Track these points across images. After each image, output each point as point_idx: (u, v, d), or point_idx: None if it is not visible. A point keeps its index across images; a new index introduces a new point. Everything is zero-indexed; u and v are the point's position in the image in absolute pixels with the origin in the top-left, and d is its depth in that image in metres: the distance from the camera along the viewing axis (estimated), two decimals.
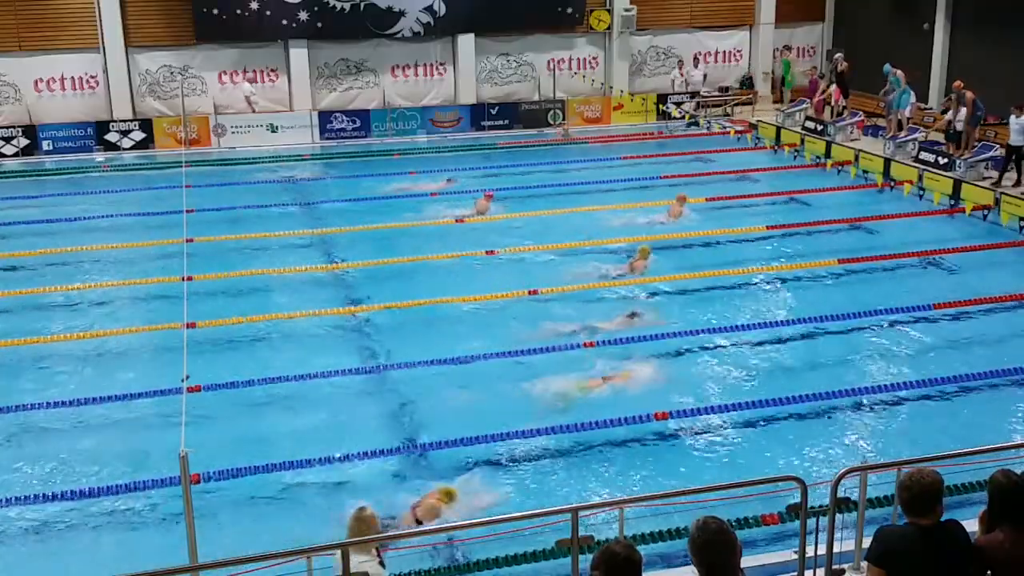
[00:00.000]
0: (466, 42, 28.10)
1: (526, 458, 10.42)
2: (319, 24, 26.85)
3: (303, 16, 26.67)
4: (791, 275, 15.94)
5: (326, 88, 27.86)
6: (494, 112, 28.31)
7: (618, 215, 19.01)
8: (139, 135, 26.22)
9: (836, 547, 7.00)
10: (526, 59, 29.02)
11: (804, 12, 30.95)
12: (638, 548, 4.65)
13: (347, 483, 9.98)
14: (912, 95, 23.49)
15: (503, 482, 9.81)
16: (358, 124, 27.39)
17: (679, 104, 28.69)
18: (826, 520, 6.94)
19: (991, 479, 5.41)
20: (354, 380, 12.42)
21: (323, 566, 6.34)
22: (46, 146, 25.65)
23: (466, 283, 15.40)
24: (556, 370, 12.21)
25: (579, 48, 29.44)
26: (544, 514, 7.24)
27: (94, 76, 26.33)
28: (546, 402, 11.45)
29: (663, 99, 28.78)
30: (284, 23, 26.64)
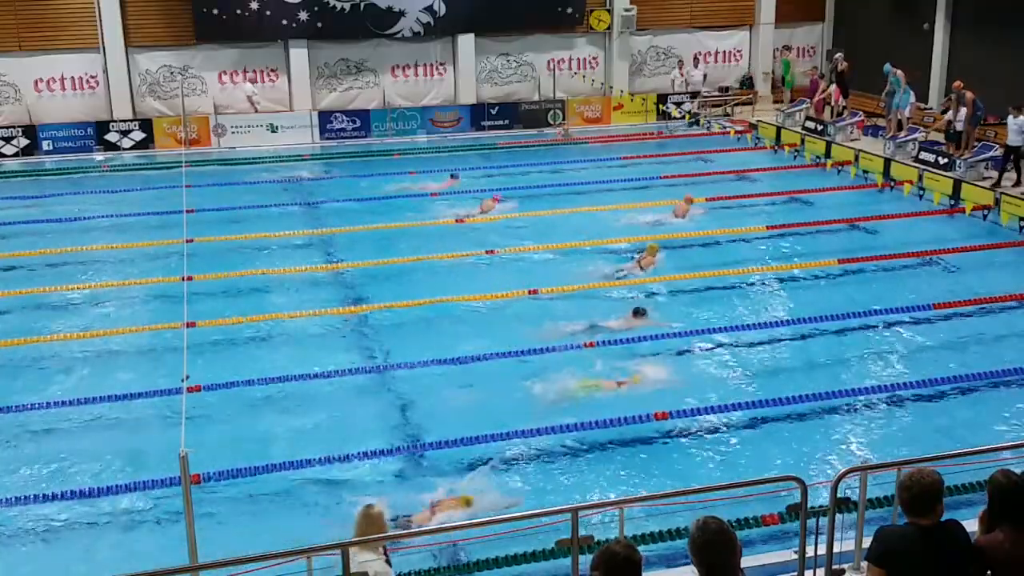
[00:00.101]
0: (466, 42, 28.09)
1: (526, 458, 10.42)
2: (319, 24, 26.84)
3: (303, 16, 26.67)
4: (791, 275, 15.94)
5: (326, 88, 27.86)
6: (494, 112, 28.30)
7: (619, 215, 19.02)
8: (139, 135, 26.22)
9: (836, 547, 7.01)
10: (526, 59, 29.01)
11: (804, 12, 30.93)
12: (638, 548, 4.66)
13: (347, 483, 9.98)
14: (912, 95, 23.49)
15: (503, 482, 9.80)
16: (358, 124, 27.38)
17: (679, 104, 28.69)
18: (826, 520, 6.95)
19: (991, 479, 5.41)
20: (354, 380, 12.42)
21: (323, 566, 6.34)
22: (46, 146, 25.64)
23: (466, 283, 15.40)
24: (557, 370, 12.20)
25: (579, 48, 29.43)
26: (544, 514, 7.25)
27: (94, 76, 26.32)
28: (548, 402, 11.45)
29: (663, 99, 28.75)
30: (284, 23, 26.64)
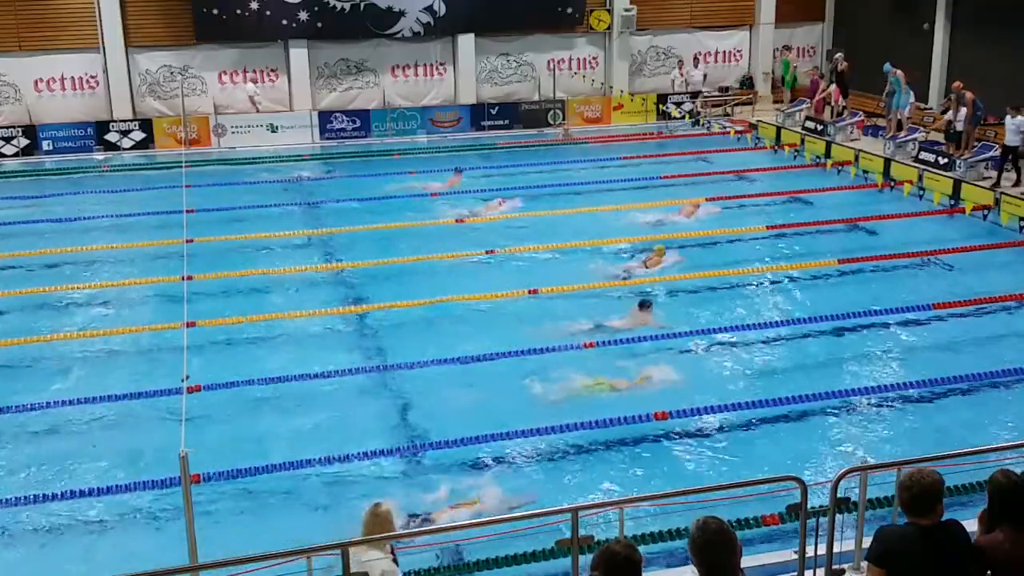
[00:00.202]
0: (466, 42, 28.09)
1: (526, 458, 10.43)
2: (319, 24, 26.84)
3: (303, 16, 26.67)
4: (791, 275, 15.94)
5: (326, 88, 27.86)
6: (494, 112, 28.30)
7: (619, 215, 19.02)
8: (139, 135, 26.21)
9: (836, 547, 7.00)
10: (526, 59, 29.00)
11: (804, 12, 30.93)
12: (638, 548, 4.66)
13: (347, 483, 9.99)
14: (911, 95, 23.49)
15: (503, 482, 9.79)
16: (358, 124, 27.38)
17: (679, 104, 28.69)
18: (826, 520, 6.95)
19: (991, 479, 5.41)
20: (354, 380, 12.42)
21: (323, 566, 6.33)
22: (46, 146, 25.64)
23: (467, 283, 15.39)
24: (558, 370, 12.22)
25: (579, 48, 29.42)
26: (544, 514, 7.25)
27: (94, 76, 26.32)
28: (548, 402, 11.45)
29: (663, 99, 28.75)
30: (284, 23, 26.64)
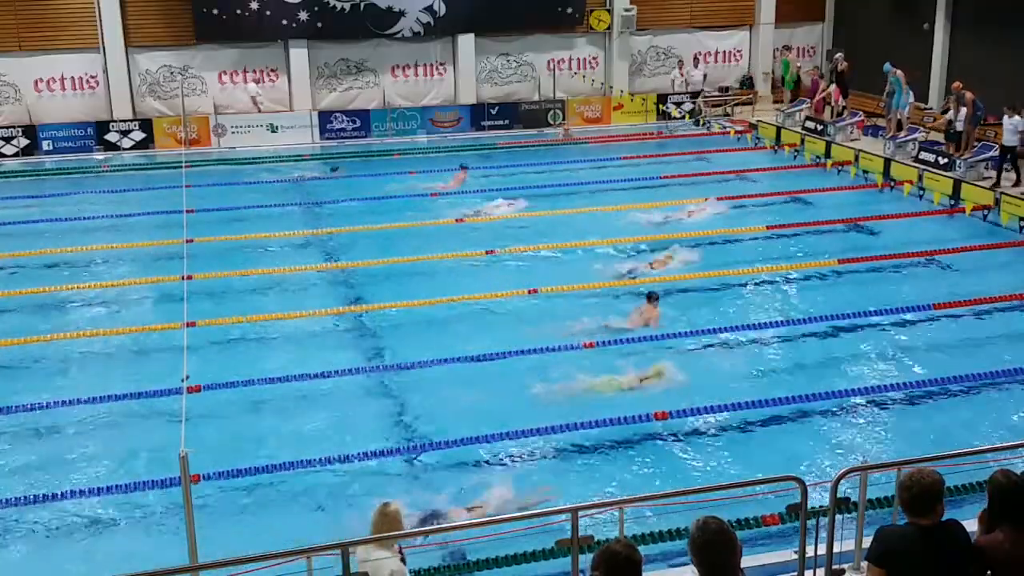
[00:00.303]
0: (466, 42, 28.09)
1: (527, 458, 10.43)
2: (319, 24, 26.83)
3: (303, 16, 26.66)
4: (791, 275, 15.93)
5: (326, 88, 27.85)
6: (494, 112, 28.29)
7: (619, 215, 19.02)
8: (139, 135, 26.21)
9: (836, 547, 7.00)
10: (526, 59, 29.00)
11: (804, 12, 30.92)
12: (638, 548, 4.65)
13: (347, 483, 9.99)
14: (911, 95, 23.49)
15: (503, 482, 9.78)
16: (358, 124, 27.38)
17: (679, 104, 28.69)
18: (826, 520, 6.95)
19: (991, 479, 5.41)
20: (355, 380, 12.42)
21: (323, 566, 6.33)
22: (46, 146, 25.64)
23: (467, 282, 15.39)
24: (559, 369, 12.23)
25: (579, 48, 29.42)
26: (544, 514, 7.26)
27: (94, 76, 26.32)
28: (548, 402, 11.45)
29: (663, 99, 28.74)
30: (284, 23, 26.63)
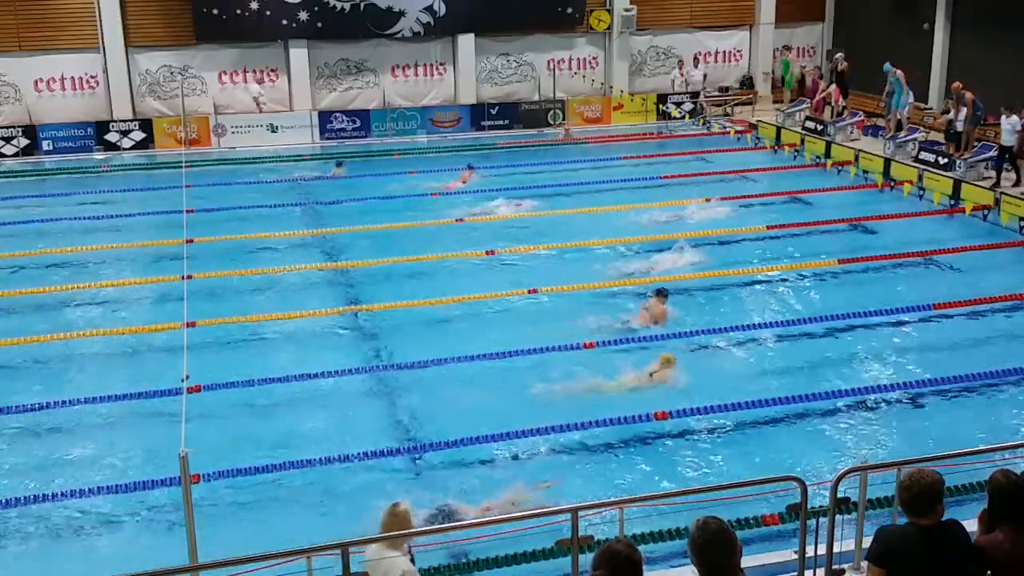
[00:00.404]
0: (466, 42, 28.09)
1: (527, 458, 10.42)
2: (319, 24, 26.84)
3: (303, 16, 26.67)
4: (791, 275, 15.92)
5: (326, 88, 27.86)
6: (494, 112, 28.30)
7: (620, 215, 19.03)
8: (139, 135, 26.22)
9: (836, 547, 7.01)
10: (526, 59, 29.00)
11: (804, 12, 30.93)
12: (638, 548, 4.65)
13: (347, 483, 9.99)
14: (911, 95, 23.49)
15: (503, 482, 9.78)
16: (358, 124, 27.38)
17: (679, 104, 28.69)
18: (826, 520, 6.95)
19: (991, 479, 5.41)
20: (355, 380, 12.41)
21: (323, 566, 6.34)
22: (46, 146, 25.64)
23: (467, 282, 15.40)
24: (559, 370, 12.23)
25: (579, 48, 29.43)
26: (544, 514, 7.25)
27: (94, 76, 26.32)
28: (548, 402, 11.45)
29: (663, 99, 28.75)
30: (284, 23, 26.64)
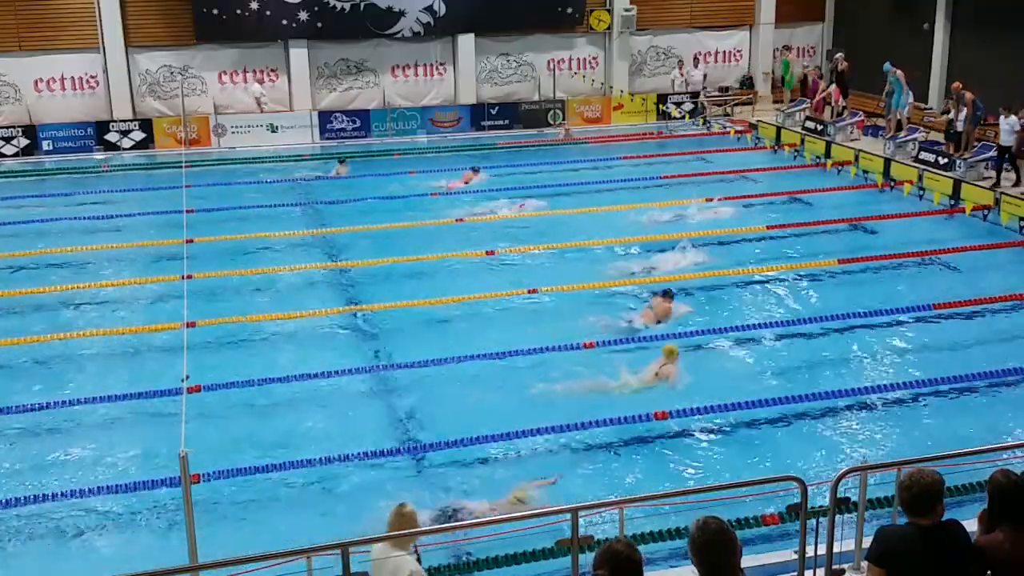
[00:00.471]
0: (466, 42, 28.09)
1: (527, 458, 10.42)
2: (319, 24, 26.84)
3: (303, 16, 26.67)
4: (791, 275, 15.92)
5: (326, 88, 27.86)
6: (494, 112, 28.29)
7: (620, 215, 19.03)
8: (139, 135, 26.21)
9: (836, 547, 7.01)
10: (526, 59, 29.00)
11: (804, 12, 30.93)
12: (638, 548, 4.66)
13: (347, 483, 10.00)
14: (911, 95, 23.49)
15: (503, 482, 9.78)
16: (358, 124, 27.38)
17: (679, 104, 28.69)
18: (826, 520, 6.95)
19: (991, 479, 5.41)
20: (356, 380, 12.41)
21: (323, 566, 6.34)
22: (46, 146, 25.64)
23: (468, 282, 15.40)
24: (559, 369, 12.24)
25: (579, 48, 29.43)
26: (544, 514, 7.26)
27: (94, 76, 26.32)
28: (549, 402, 11.45)
29: (663, 99, 28.74)
30: (284, 23, 26.64)
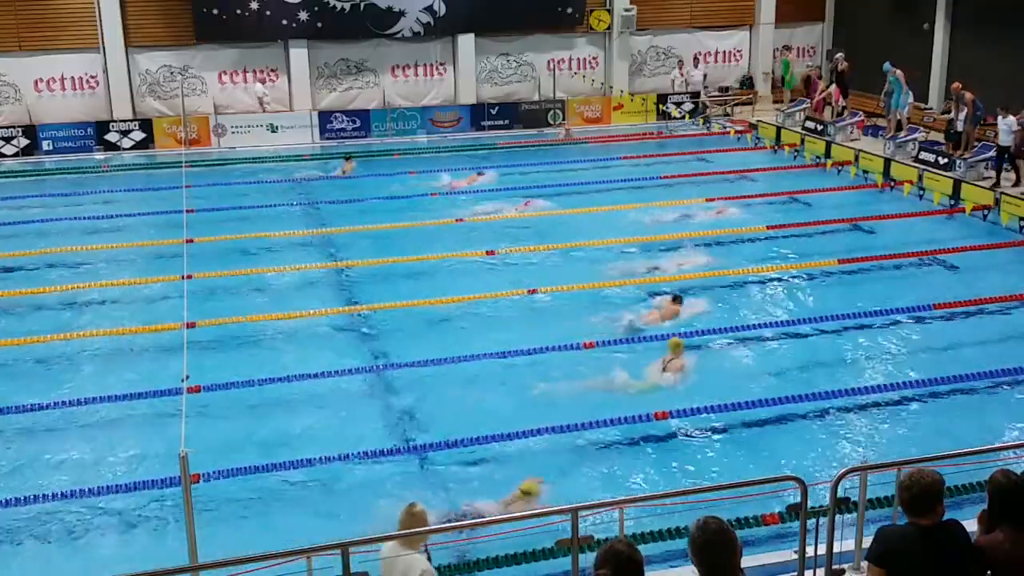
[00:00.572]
0: (466, 42, 28.09)
1: (527, 458, 10.41)
2: (319, 24, 26.84)
3: (303, 16, 26.67)
4: (791, 275, 15.92)
5: (326, 88, 27.86)
6: (494, 112, 28.29)
7: (619, 215, 19.02)
8: (139, 135, 26.21)
9: (836, 547, 7.01)
10: (526, 59, 29.01)
11: (804, 12, 30.94)
12: (638, 548, 4.66)
13: (347, 483, 10.00)
14: (910, 95, 23.49)
15: (503, 482, 9.78)
16: (358, 124, 27.37)
17: (679, 104, 28.69)
18: (826, 520, 6.95)
19: (991, 479, 5.41)
20: (356, 380, 12.42)
21: (323, 566, 6.34)
22: (46, 146, 25.63)
23: (468, 282, 15.40)
24: (559, 370, 12.24)
25: (579, 48, 29.43)
26: (544, 514, 7.26)
27: (94, 76, 26.32)
28: (549, 402, 11.45)
29: (663, 99, 28.74)
30: (284, 23, 26.64)
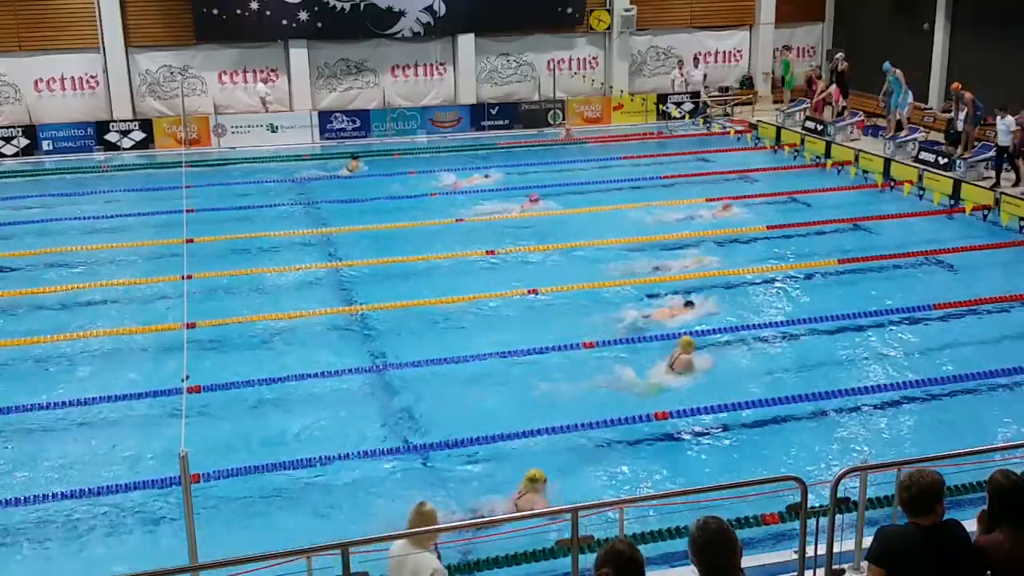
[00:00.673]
0: (466, 42, 28.09)
1: (527, 458, 10.41)
2: (319, 24, 26.84)
3: (303, 16, 26.67)
4: (791, 275, 15.92)
5: (326, 88, 27.86)
6: (494, 112, 28.29)
7: (620, 215, 19.02)
8: (139, 135, 26.20)
9: (836, 547, 7.01)
10: (526, 59, 29.00)
11: (804, 12, 30.93)
12: (639, 548, 4.66)
13: (347, 483, 9.99)
14: (910, 95, 23.50)
15: (504, 482, 9.79)
16: (358, 124, 27.37)
17: (679, 104, 28.69)
18: (826, 520, 6.95)
19: (991, 479, 5.41)
20: (356, 379, 12.41)
21: (323, 566, 6.34)
22: (46, 146, 25.63)
23: (468, 282, 15.40)
24: (559, 370, 12.24)
25: (579, 48, 29.42)
26: (544, 514, 7.26)
27: (94, 76, 26.32)
28: (549, 402, 11.46)
29: (663, 99, 28.74)
30: (284, 23, 26.64)
